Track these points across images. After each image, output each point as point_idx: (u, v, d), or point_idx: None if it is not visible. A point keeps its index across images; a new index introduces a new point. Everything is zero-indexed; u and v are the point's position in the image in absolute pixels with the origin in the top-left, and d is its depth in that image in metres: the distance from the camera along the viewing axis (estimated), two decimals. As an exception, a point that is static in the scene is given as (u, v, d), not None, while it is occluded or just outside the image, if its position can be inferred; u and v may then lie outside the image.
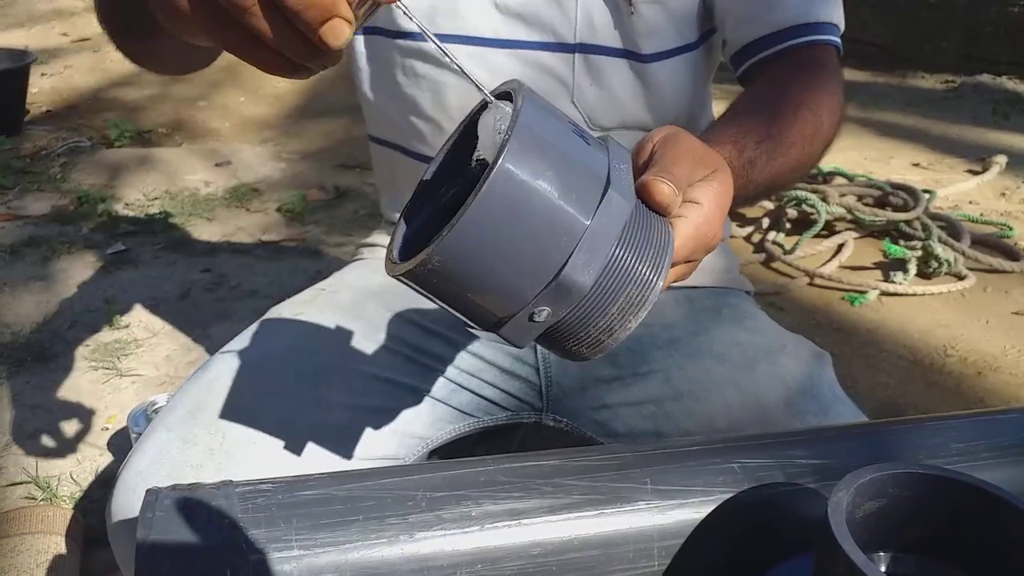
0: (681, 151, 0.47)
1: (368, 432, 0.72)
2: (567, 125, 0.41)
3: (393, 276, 0.41)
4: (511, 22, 0.74)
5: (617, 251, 0.40)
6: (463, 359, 0.79)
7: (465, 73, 0.41)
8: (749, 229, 2.09)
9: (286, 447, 0.67)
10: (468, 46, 0.74)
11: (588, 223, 0.38)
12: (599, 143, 0.42)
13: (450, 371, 0.78)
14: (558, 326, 0.41)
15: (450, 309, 0.42)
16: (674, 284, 0.48)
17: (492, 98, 0.41)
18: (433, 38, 0.41)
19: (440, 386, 0.77)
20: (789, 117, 0.64)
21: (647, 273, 0.41)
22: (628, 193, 0.40)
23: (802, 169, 0.66)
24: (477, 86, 0.41)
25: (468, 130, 0.45)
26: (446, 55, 0.41)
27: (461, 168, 0.45)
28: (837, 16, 0.75)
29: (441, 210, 0.46)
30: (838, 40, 0.75)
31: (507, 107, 0.40)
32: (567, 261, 0.38)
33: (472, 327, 0.43)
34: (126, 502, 0.64)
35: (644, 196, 0.44)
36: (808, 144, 0.65)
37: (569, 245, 0.38)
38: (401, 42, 0.77)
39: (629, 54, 0.75)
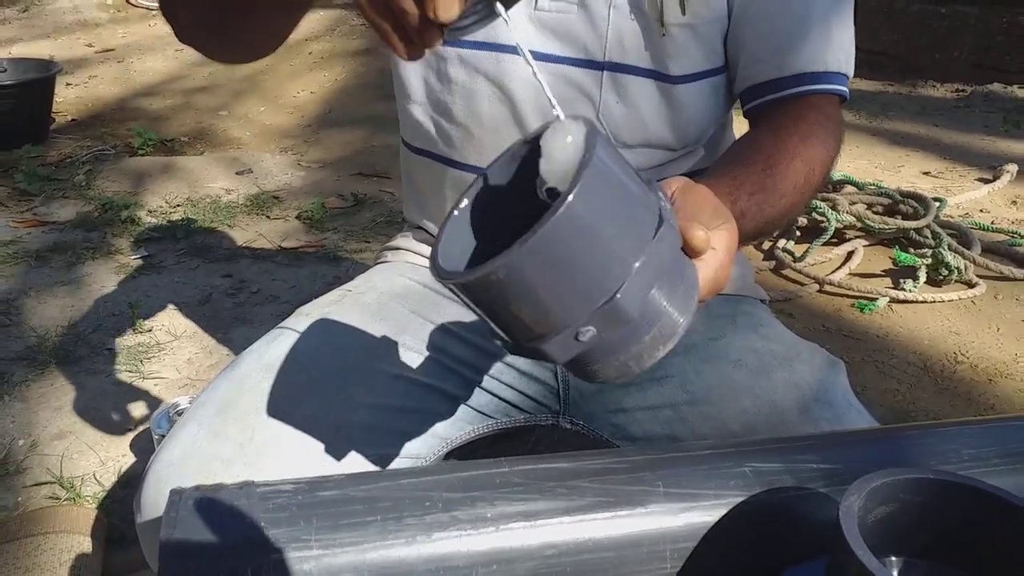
0: (701, 201, 0.50)
1: (390, 431, 0.73)
2: (629, 165, 0.43)
3: (445, 283, 0.42)
4: (544, 35, 0.75)
5: (663, 282, 0.42)
6: (483, 361, 0.80)
7: (547, 93, 0.44)
8: (761, 237, 2.08)
9: (312, 444, 0.69)
10: (500, 54, 0.75)
11: (643, 255, 0.41)
12: (650, 183, 0.44)
13: (470, 372, 0.80)
14: (594, 347, 0.42)
15: (491, 322, 0.43)
16: None
17: (563, 115, 0.43)
18: (527, 54, 0.45)
19: (460, 387, 0.79)
20: (783, 170, 0.66)
21: (681, 307, 0.43)
22: (675, 229, 0.43)
23: (789, 218, 0.69)
24: (552, 103, 0.44)
25: (525, 150, 0.47)
26: (535, 74, 0.45)
27: (514, 184, 0.47)
28: (847, 65, 0.76)
29: (490, 223, 0.48)
30: (845, 90, 0.76)
31: (575, 126, 0.42)
32: (621, 287, 0.40)
33: (504, 340, 0.44)
34: (156, 493, 0.65)
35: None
36: (798, 195, 0.67)
37: (625, 273, 0.40)
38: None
39: (657, 75, 0.75)
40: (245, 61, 0.72)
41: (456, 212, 0.47)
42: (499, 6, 0.44)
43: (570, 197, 0.38)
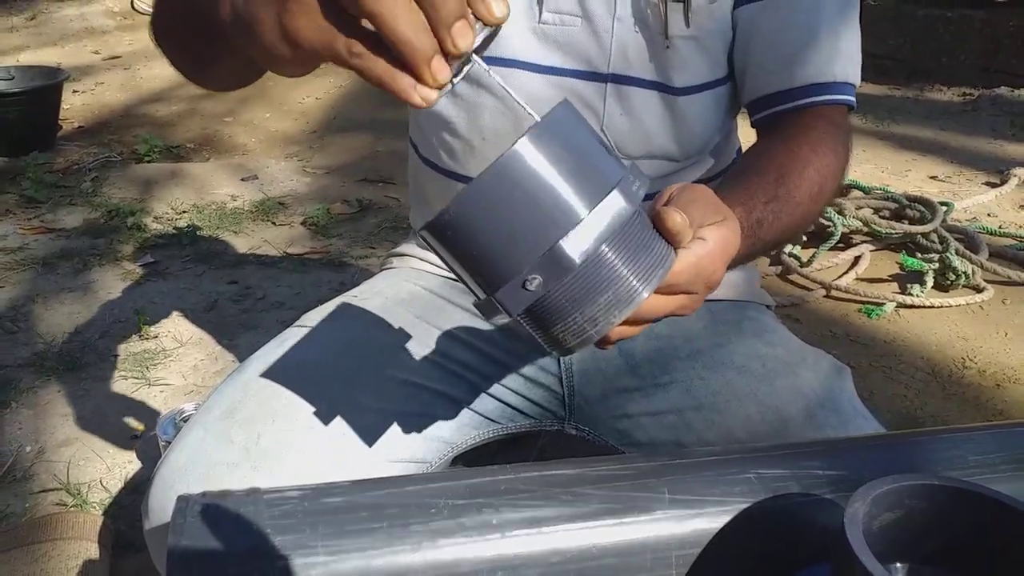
0: (697, 196, 0.51)
1: (397, 435, 0.73)
2: (597, 138, 0.46)
3: (420, 234, 0.45)
4: (548, 48, 0.75)
5: (612, 244, 0.44)
6: (488, 366, 0.81)
7: (527, 109, 0.46)
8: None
9: (319, 448, 0.69)
10: (503, 68, 0.75)
11: (589, 211, 0.43)
12: (622, 162, 0.46)
13: (476, 377, 0.80)
14: (547, 302, 0.44)
15: (458, 270, 0.46)
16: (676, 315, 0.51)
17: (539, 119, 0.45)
18: (502, 83, 0.46)
19: (466, 392, 0.79)
20: (796, 179, 0.67)
21: (638, 273, 0.45)
22: (634, 199, 0.45)
23: (805, 226, 0.69)
24: (531, 113, 0.45)
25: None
26: (516, 99, 0.46)
27: None
28: (854, 74, 0.77)
29: None
30: (853, 99, 0.77)
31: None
32: (564, 236, 0.43)
33: (475, 296, 0.47)
34: (163, 498, 0.66)
35: (657, 223, 0.47)
36: (812, 203, 0.68)
37: (568, 223, 0.43)
38: None
39: (661, 86, 0.76)
40: (227, 91, 0.73)
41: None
42: (475, 57, 0.45)
43: (515, 145, 0.41)
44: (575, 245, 0.43)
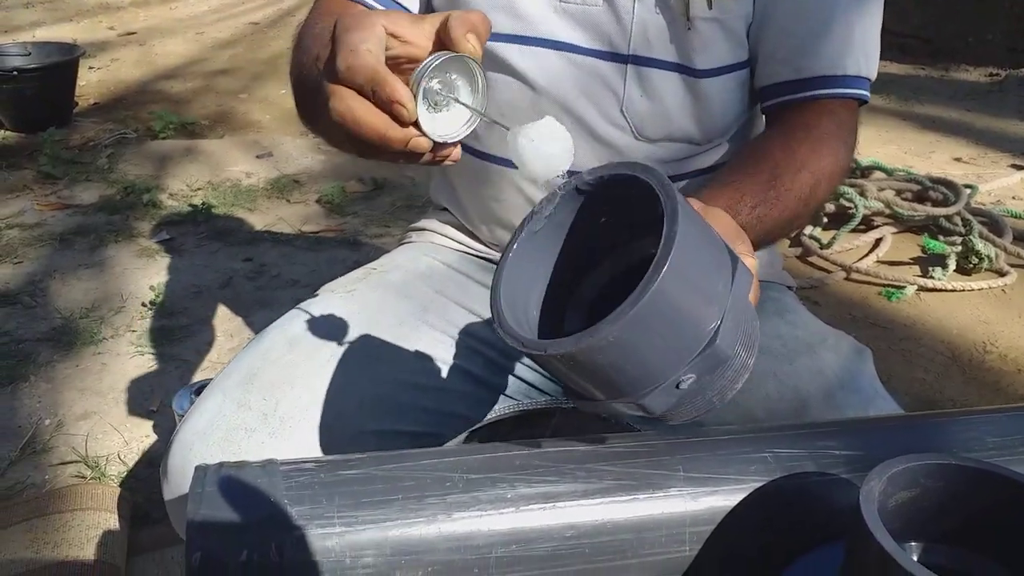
0: (721, 227, 0.51)
1: (413, 408, 0.74)
2: (704, 225, 0.45)
3: (538, 354, 0.43)
4: (568, 25, 0.75)
5: (749, 315, 0.45)
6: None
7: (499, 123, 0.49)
8: (786, 223, 2.06)
9: (335, 417, 0.70)
10: (523, 45, 0.75)
11: (729, 295, 0.43)
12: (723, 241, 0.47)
13: (493, 353, 0.80)
14: (689, 391, 0.44)
15: (583, 382, 0.45)
16: None
17: (503, 126, 0.49)
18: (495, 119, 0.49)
19: (483, 367, 0.79)
20: (788, 181, 0.67)
21: (753, 326, 0.46)
22: (746, 269, 0.46)
23: (791, 229, 0.70)
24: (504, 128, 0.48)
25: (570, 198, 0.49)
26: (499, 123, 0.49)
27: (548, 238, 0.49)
28: (868, 68, 0.76)
29: (559, 279, 0.50)
30: (865, 93, 0.76)
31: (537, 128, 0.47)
32: (718, 330, 0.42)
33: (591, 399, 0.46)
34: (182, 460, 0.67)
35: None
36: (802, 207, 0.68)
37: (717, 316, 0.43)
38: None
39: (682, 68, 0.75)
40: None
41: (504, 273, 0.50)
42: (476, 111, 0.49)
43: (657, 282, 0.40)
44: (729, 333, 0.43)
